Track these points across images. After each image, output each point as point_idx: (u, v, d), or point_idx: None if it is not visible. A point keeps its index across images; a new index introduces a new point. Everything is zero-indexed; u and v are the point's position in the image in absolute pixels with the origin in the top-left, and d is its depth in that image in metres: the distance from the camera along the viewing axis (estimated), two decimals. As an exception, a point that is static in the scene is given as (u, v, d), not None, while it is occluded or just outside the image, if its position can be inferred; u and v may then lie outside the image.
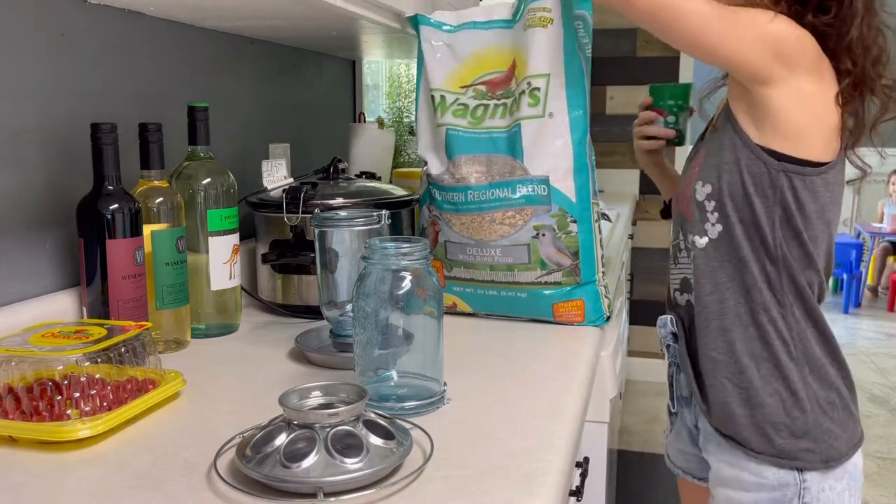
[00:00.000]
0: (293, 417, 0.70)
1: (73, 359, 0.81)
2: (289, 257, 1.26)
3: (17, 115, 1.00)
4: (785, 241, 1.01)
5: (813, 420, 1.01)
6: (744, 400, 1.04)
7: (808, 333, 1.03)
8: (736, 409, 1.04)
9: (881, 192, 5.96)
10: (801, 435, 1.01)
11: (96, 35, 1.13)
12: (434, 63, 1.24)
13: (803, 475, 1.01)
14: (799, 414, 1.01)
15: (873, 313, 5.34)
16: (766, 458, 1.02)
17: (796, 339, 1.02)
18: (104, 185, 0.99)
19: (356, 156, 1.94)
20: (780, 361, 1.02)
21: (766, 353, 1.02)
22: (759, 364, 1.03)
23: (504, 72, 1.20)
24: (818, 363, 1.03)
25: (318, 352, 1.04)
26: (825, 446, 1.01)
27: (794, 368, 1.02)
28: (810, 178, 0.99)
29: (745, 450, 1.04)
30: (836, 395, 1.03)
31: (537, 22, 1.15)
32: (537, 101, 1.15)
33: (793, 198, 0.99)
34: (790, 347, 1.02)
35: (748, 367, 1.03)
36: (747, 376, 1.03)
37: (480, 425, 0.82)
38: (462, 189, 1.19)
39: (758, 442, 1.03)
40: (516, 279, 1.20)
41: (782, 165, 0.98)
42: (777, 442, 1.02)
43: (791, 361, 1.02)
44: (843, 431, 1.03)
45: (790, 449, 1.01)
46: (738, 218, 1.02)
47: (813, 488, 1.01)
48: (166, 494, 0.67)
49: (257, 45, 1.59)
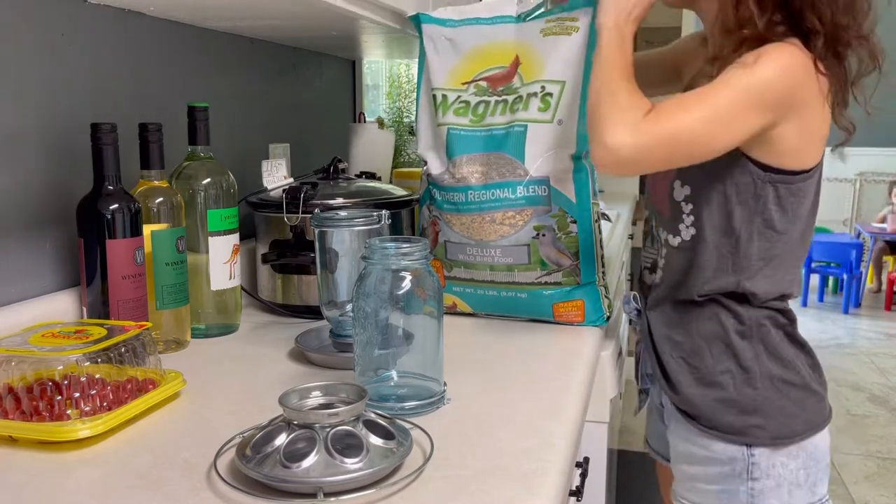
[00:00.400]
0: (293, 417, 0.70)
1: (73, 359, 0.81)
2: (289, 257, 1.26)
3: (17, 115, 1.00)
4: (759, 252, 1.01)
5: (764, 397, 1.02)
6: (697, 379, 1.05)
7: (764, 317, 1.03)
8: (688, 387, 1.06)
9: (882, 192, 5.96)
10: (750, 411, 1.02)
11: (96, 35, 1.13)
12: (436, 61, 1.24)
13: (752, 450, 1.02)
14: (749, 391, 1.02)
15: (873, 313, 5.33)
16: (716, 433, 1.04)
17: (752, 321, 1.03)
18: (104, 185, 0.99)
19: (356, 156, 1.94)
20: (732, 341, 1.03)
21: (720, 333, 1.04)
22: (712, 344, 1.04)
23: (506, 67, 1.19)
24: (773, 342, 1.03)
25: (318, 352, 1.04)
26: (777, 423, 1.02)
27: (748, 347, 1.03)
28: (797, 185, 0.99)
29: (698, 425, 1.05)
30: (793, 373, 1.04)
31: (562, 30, 1.14)
32: (548, 106, 1.15)
33: (776, 206, 1.00)
34: (744, 328, 1.03)
35: (701, 347, 1.05)
36: (700, 356, 1.05)
37: (480, 425, 0.82)
38: (462, 189, 1.19)
39: (708, 418, 1.04)
40: (516, 279, 1.20)
41: (769, 176, 0.98)
42: (726, 418, 1.03)
43: (744, 341, 1.03)
44: (802, 411, 1.04)
45: (739, 425, 1.02)
46: (712, 224, 1.02)
47: (762, 464, 1.02)
48: (166, 494, 0.67)
49: (257, 45, 1.59)
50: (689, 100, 0.94)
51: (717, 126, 0.93)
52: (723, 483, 1.04)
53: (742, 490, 1.03)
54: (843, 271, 5.30)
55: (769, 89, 0.92)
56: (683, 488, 1.09)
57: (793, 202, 1.00)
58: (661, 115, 0.93)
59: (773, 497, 1.02)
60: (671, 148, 0.94)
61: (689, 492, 1.08)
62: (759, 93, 0.92)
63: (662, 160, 0.97)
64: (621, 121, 0.94)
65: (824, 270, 5.50)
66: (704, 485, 1.06)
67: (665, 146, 0.94)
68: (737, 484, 1.03)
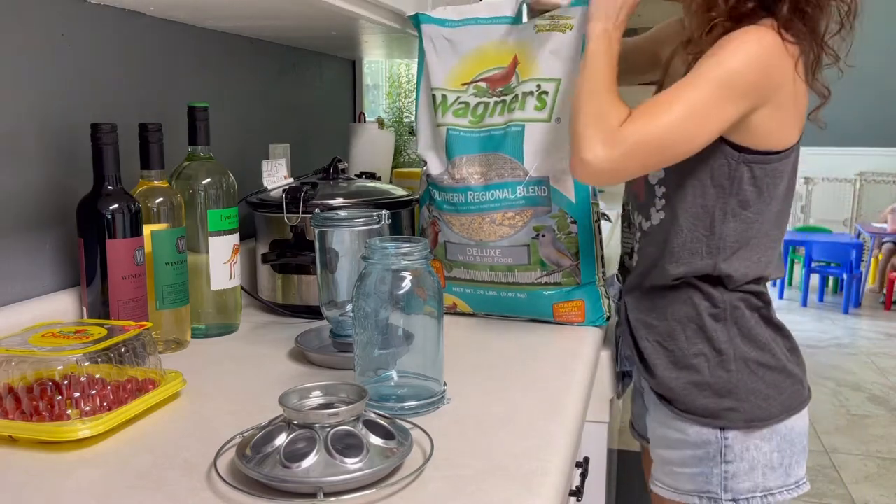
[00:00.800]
0: (293, 417, 0.70)
1: (73, 359, 0.81)
2: (289, 257, 1.26)
3: (17, 115, 1.00)
4: (731, 231, 1.01)
5: (738, 379, 1.02)
6: (671, 362, 1.06)
7: (738, 299, 1.04)
8: (664, 370, 1.06)
9: (881, 192, 5.96)
10: (724, 394, 1.02)
11: (96, 35, 1.13)
12: (435, 61, 1.24)
13: (725, 433, 1.02)
14: (723, 373, 1.03)
15: (873, 313, 5.34)
16: (689, 416, 1.04)
17: (725, 303, 1.04)
18: (104, 185, 0.99)
19: (356, 156, 1.94)
20: (706, 323, 1.04)
21: (693, 315, 1.04)
22: (686, 326, 1.05)
23: (504, 68, 1.19)
24: (748, 325, 1.03)
25: (318, 352, 1.04)
26: (750, 406, 1.02)
27: (722, 329, 1.03)
28: (772, 165, 0.99)
29: (673, 408, 1.06)
30: (769, 356, 1.04)
31: (556, 27, 1.14)
32: (544, 105, 1.15)
33: (752, 187, 1.00)
34: (718, 310, 1.04)
35: (675, 330, 1.06)
36: (674, 338, 1.06)
37: (480, 425, 0.82)
38: (462, 190, 1.19)
39: (682, 401, 1.05)
40: (516, 280, 1.20)
41: (744, 157, 0.98)
42: (700, 401, 1.03)
43: (718, 323, 1.03)
44: (778, 393, 1.03)
45: (713, 408, 1.03)
46: (685, 207, 1.02)
47: (736, 447, 1.02)
48: (166, 494, 0.67)
49: (257, 45, 1.59)
50: (662, 102, 0.94)
51: (693, 125, 0.93)
52: (697, 466, 1.04)
53: (716, 473, 1.03)
54: (843, 271, 5.30)
55: (741, 79, 0.92)
56: (660, 472, 1.10)
57: (768, 182, 1.00)
58: (636, 122, 0.94)
59: (746, 480, 1.03)
60: (648, 153, 0.95)
61: (666, 476, 1.09)
62: (731, 84, 0.92)
63: (640, 166, 0.97)
64: (596, 133, 0.94)
65: (824, 270, 5.50)
66: (679, 468, 1.06)
67: (641, 153, 0.94)
68: (710, 467, 1.03)
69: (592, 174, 0.96)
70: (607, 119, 0.95)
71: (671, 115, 0.92)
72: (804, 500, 2.69)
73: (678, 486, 1.07)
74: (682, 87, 0.94)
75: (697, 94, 0.92)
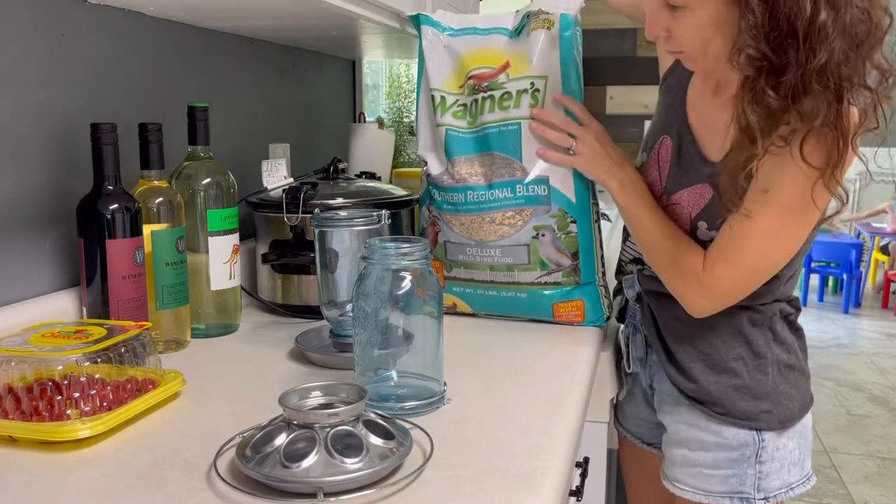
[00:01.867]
0: (293, 417, 0.70)
1: (73, 359, 0.81)
2: (289, 257, 1.26)
3: (17, 115, 1.00)
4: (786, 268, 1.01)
5: (773, 382, 1.04)
6: (708, 366, 1.05)
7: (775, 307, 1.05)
8: (700, 373, 1.06)
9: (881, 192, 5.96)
10: (761, 397, 1.04)
11: (96, 35, 1.13)
12: (434, 63, 1.24)
13: (762, 434, 1.04)
14: (761, 377, 1.04)
15: (873, 313, 5.34)
16: (729, 419, 1.04)
17: (766, 311, 1.04)
18: (104, 185, 0.99)
19: (356, 156, 1.94)
20: (744, 329, 1.04)
21: (729, 320, 1.04)
22: (722, 331, 1.04)
23: (494, 68, 1.19)
24: (778, 328, 1.05)
25: (318, 352, 1.04)
26: (782, 407, 1.04)
27: (759, 334, 1.04)
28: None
29: (709, 411, 1.05)
30: (794, 357, 1.06)
31: (540, 24, 1.15)
32: (537, 102, 1.15)
33: None
34: (758, 316, 1.04)
35: (710, 334, 1.05)
36: (710, 342, 1.05)
37: (480, 425, 0.82)
38: (461, 189, 1.19)
39: (722, 404, 1.04)
40: (516, 279, 1.20)
41: None
42: (739, 404, 1.04)
43: (755, 328, 1.04)
44: (798, 393, 1.06)
45: (751, 410, 1.03)
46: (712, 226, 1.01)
47: (769, 447, 1.04)
48: (166, 494, 0.67)
49: (257, 45, 1.59)
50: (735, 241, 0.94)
51: (782, 244, 0.95)
52: (731, 468, 1.05)
53: (750, 473, 1.04)
54: (843, 271, 5.30)
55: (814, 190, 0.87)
56: (684, 473, 1.09)
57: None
58: (720, 267, 0.96)
59: (776, 478, 1.05)
60: (746, 286, 0.98)
61: (692, 477, 1.08)
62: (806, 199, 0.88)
63: (745, 293, 0.99)
64: (687, 288, 1.00)
65: (824, 270, 5.50)
66: (710, 470, 1.06)
67: (740, 289, 0.98)
68: (745, 468, 1.04)
69: (708, 314, 1.01)
70: (687, 269, 0.99)
71: (749, 255, 0.94)
72: (804, 499, 2.69)
73: (708, 488, 1.06)
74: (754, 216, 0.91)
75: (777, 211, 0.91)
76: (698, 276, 0.97)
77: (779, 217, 0.92)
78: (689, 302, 1.01)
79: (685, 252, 1.00)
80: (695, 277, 0.98)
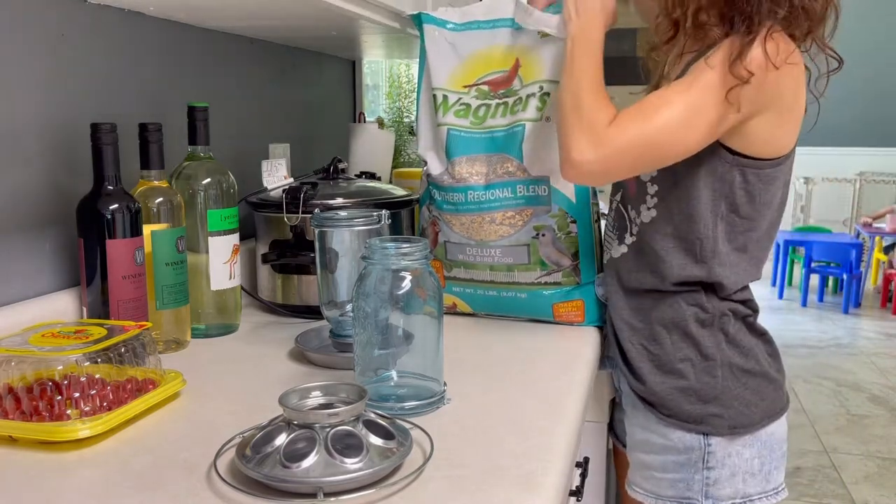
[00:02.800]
0: (293, 417, 0.70)
1: (73, 359, 0.81)
2: (289, 257, 1.26)
3: (17, 116, 1.00)
4: (725, 235, 1.00)
5: (723, 386, 1.02)
6: (656, 366, 1.05)
7: (728, 308, 1.03)
8: (648, 374, 1.05)
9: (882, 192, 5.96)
10: (709, 400, 1.02)
11: (96, 35, 1.13)
12: (437, 61, 1.24)
13: (708, 439, 1.02)
14: (709, 379, 1.02)
15: (873, 313, 5.33)
16: (674, 421, 1.03)
17: (715, 311, 1.03)
18: (104, 185, 0.99)
19: (356, 156, 1.94)
20: (691, 329, 1.03)
21: (678, 320, 1.03)
22: (671, 331, 1.04)
23: (506, 71, 1.19)
24: (733, 331, 1.03)
25: (318, 352, 1.04)
26: (734, 412, 1.02)
27: (709, 335, 1.02)
28: (766, 171, 0.98)
29: (656, 413, 1.05)
30: (753, 362, 1.03)
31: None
32: (545, 105, 1.15)
33: (743, 191, 0.98)
34: (706, 317, 1.03)
35: (660, 334, 1.04)
36: (659, 342, 1.05)
37: (480, 425, 0.82)
38: (462, 189, 1.19)
39: (667, 406, 1.04)
40: (516, 279, 1.20)
41: (737, 161, 0.97)
42: (685, 407, 1.03)
43: (704, 329, 1.03)
44: (760, 400, 1.03)
45: (698, 413, 1.02)
46: (679, 208, 1.01)
47: (718, 453, 1.02)
48: (166, 494, 0.67)
49: (257, 45, 1.59)
50: (652, 104, 0.93)
51: (685, 129, 0.92)
52: (678, 472, 1.04)
53: (697, 479, 1.03)
54: (843, 271, 5.30)
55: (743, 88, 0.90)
56: (639, 476, 1.09)
57: (760, 189, 0.98)
58: (624, 123, 0.93)
59: (727, 486, 1.03)
60: (637, 155, 0.94)
61: (645, 480, 1.08)
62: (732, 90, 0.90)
63: (629, 168, 0.97)
64: (582, 134, 0.94)
65: (824, 270, 5.50)
66: (660, 473, 1.05)
67: (630, 155, 0.94)
68: (692, 473, 1.03)
69: (580, 175, 0.96)
70: (593, 120, 0.94)
71: (661, 117, 0.92)
72: (804, 499, 2.69)
73: (658, 491, 1.06)
74: (676, 88, 0.93)
75: (692, 97, 0.91)
76: (598, 128, 0.93)
77: (705, 95, 0.91)
78: (577, 150, 0.94)
79: (599, 108, 0.95)
80: (593, 129, 0.93)
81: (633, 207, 1.07)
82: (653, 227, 1.04)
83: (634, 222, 1.07)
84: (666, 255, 1.03)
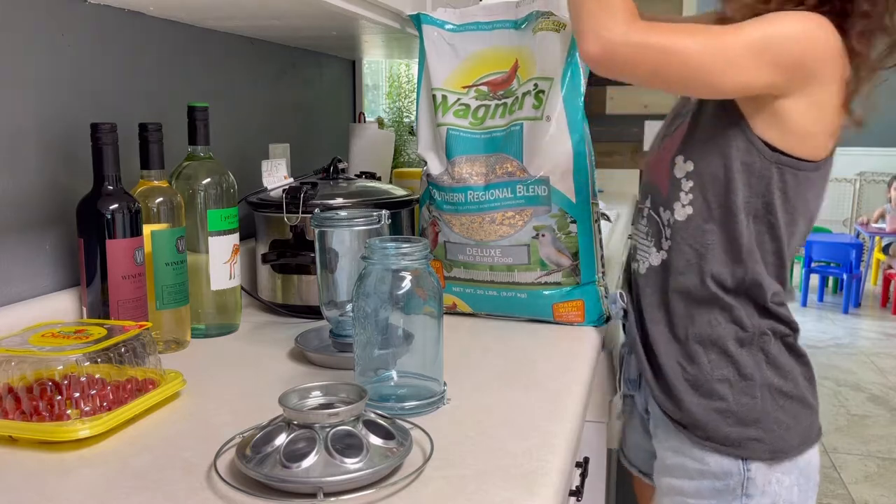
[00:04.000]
0: (293, 417, 0.70)
1: (73, 359, 0.81)
2: (289, 257, 1.26)
3: (17, 115, 1.00)
4: (757, 235, 0.98)
5: (762, 408, 0.98)
6: (692, 385, 1.00)
7: (768, 327, 0.99)
8: (684, 393, 1.00)
9: (882, 192, 5.96)
10: (749, 423, 0.98)
11: (96, 35, 1.13)
12: (436, 62, 1.24)
13: (748, 464, 0.97)
14: (748, 401, 0.98)
15: (873, 313, 5.34)
16: (711, 444, 0.99)
17: (755, 329, 0.99)
18: (104, 185, 0.99)
19: (356, 156, 1.94)
20: (730, 348, 0.99)
21: (716, 338, 0.99)
22: (708, 349, 1.00)
23: (506, 72, 1.20)
24: (773, 351, 0.99)
25: (318, 352, 1.04)
26: (774, 436, 0.97)
27: (748, 355, 0.98)
28: (804, 174, 0.96)
29: (691, 436, 1.00)
30: (791, 385, 0.99)
31: (550, 26, 1.15)
32: (541, 103, 1.15)
33: (780, 192, 0.96)
34: (746, 335, 0.99)
35: (697, 352, 1.00)
36: (696, 361, 1.00)
37: (480, 425, 0.82)
38: (461, 189, 1.19)
39: (704, 428, 0.99)
40: (516, 279, 1.20)
41: (776, 157, 0.94)
42: (723, 429, 0.98)
43: (743, 348, 0.99)
44: (797, 424, 0.99)
45: (736, 436, 0.98)
46: (715, 204, 0.98)
47: (758, 479, 0.97)
48: (166, 494, 0.67)
49: (257, 45, 1.59)
50: (696, 28, 0.89)
51: (719, 61, 0.88)
52: (715, 499, 0.99)
53: None
54: (843, 271, 5.30)
55: (780, 47, 0.88)
56: (669, 503, 1.04)
57: (795, 192, 0.96)
58: (660, 28, 0.88)
59: None
60: (665, 59, 0.88)
61: None
62: (774, 46, 0.88)
63: (651, 69, 0.89)
64: (618, 13, 0.87)
65: (824, 270, 5.50)
66: (693, 499, 1.01)
67: (659, 53, 0.87)
68: (729, 500, 0.98)
69: (605, 55, 0.88)
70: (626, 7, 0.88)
71: (698, 41, 0.87)
72: (804, 500, 2.69)
73: None
74: (721, 28, 0.88)
75: (734, 39, 0.88)
76: (634, 17, 0.88)
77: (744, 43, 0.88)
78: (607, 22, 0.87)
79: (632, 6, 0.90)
80: (629, 13, 0.88)
81: (667, 208, 1.03)
82: (689, 224, 1.00)
83: (669, 224, 1.03)
84: (705, 252, 0.99)
